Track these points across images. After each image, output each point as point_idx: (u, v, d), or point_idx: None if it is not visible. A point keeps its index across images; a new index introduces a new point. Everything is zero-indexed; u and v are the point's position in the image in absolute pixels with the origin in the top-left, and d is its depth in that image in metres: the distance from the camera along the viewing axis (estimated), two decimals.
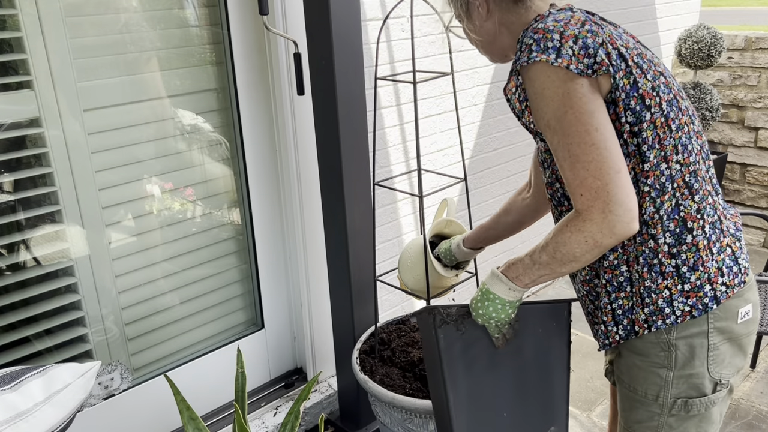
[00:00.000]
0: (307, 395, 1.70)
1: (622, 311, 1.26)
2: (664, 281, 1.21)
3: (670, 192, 1.18)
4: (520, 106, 1.22)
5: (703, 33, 3.59)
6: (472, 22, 1.33)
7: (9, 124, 1.67)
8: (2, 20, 1.62)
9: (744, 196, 3.98)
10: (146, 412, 2.07)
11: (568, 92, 1.10)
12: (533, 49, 1.12)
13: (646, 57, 1.20)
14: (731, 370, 1.27)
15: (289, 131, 2.12)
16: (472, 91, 2.73)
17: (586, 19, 1.18)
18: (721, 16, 12.52)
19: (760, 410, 2.44)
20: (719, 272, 1.21)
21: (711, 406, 1.27)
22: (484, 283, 1.30)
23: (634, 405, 1.31)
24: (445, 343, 1.32)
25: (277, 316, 2.37)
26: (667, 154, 1.17)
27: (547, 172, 1.31)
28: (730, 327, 1.23)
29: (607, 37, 1.15)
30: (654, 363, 1.26)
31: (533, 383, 1.38)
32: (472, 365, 1.34)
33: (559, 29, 1.13)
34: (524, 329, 1.34)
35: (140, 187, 1.95)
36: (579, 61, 1.10)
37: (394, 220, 2.54)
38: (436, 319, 1.32)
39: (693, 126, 1.22)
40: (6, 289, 1.76)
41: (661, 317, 1.21)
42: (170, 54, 1.92)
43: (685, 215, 1.19)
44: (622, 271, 1.25)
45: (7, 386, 1.20)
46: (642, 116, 1.15)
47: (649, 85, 1.16)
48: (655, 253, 1.20)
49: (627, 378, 1.32)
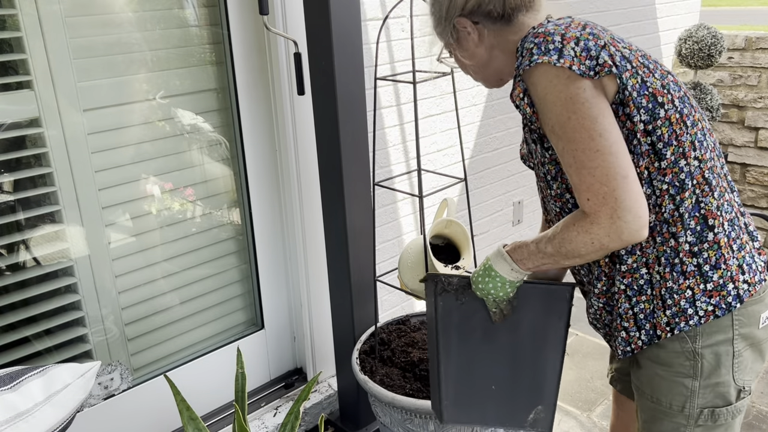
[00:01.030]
0: (307, 395, 1.70)
1: (644, 315, 1.23)
2: (686, 281, 1.18)
3: (690, 189, 1.16)
4: (531, 110, 1.19)
5: (704, 33, 3.59)
6: (464, 48, 1.31)
7: (9, 124, 1.67)
8: (2, 20, 1.62)
9: (744, 196, 3.98)
10: (146, 413, 2.07)
11: (571, 97, 1.08)
12: (534, 52, 1.11)
13: (650, 58, 1.19)
14: (752, 375, 1.25)
15: (289, 131, 2.12)
16: (472, 91, 2.73)
17: (587, 23, 1.17)
18: (721, 16, 12.51)
19: (760, 410, 2.44)
20: (740, 270, 1.19)
21: (737, 415, 1.25)
22: (488, 259, 1.29)
23: (657, 416, 1.28)
24: (443, 311, 1.35)
25: (277, 316, 2.37)
26: (685, 150, 1.15)
27: (554, 184, 1.27)
28: (753, 333, 1.22)
29: (608, 39, 1.13)
30: (678, 373, 1.24)
31: (526, 361, 1.38)
32: (467, 335, 1.37)
33: (560, 31, 1.12)
34: (523, 306, 1.34)
35: (140, 187, 1.95)
36: (581, 62, 1.09)
37: (394, 221, 2.54)
38: (438, 287, 1.34)
39: (705, 123, 1.21)
40: (6, 289, 1.76)
41: (684, 318, 1.19)
42: (170, 54, 1.92)
43: (705, 212, 1.17)
44: (642, 274, 1.22)
45: (7, 386, 1.20)
46: (656, 113, 1.13)
47: (658, 83, 1.14)
48: (676, 252, 1.18)
49: (649, 389, 1.29)
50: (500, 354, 1.38)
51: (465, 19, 1.26)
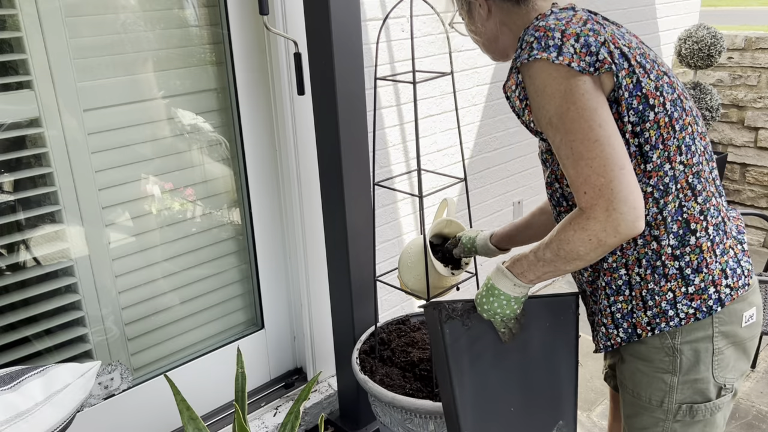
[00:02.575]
0: (307, 395, 1.70)
1: (621, 315, 1.25)
2: (668, 283, 1.20)
3: (673, 193, 1.17)
4: (521, 104, 1.21)
5: (703, 33, 3.59)
6: (474, 22, 1.34)
7: (9, 124, 1.67)
8: (2, 20, 1.62)
9: (744, 196, 3.98)
10: (146, 412, 2.07)
11: (570, 89, 1.09)
12: (534, 47, 1.12)
13: (649, 57, 1.19)
14: (736, 374, 1.26)
15: (289, 131, 2.12)
16: (472, 91, 2.73)
17: (588, 17, 1.18)
18: (721, 16, 12.51)
19: (760, 410, 2.44)
20: (723, 274, 1.20)
21: (716, 411, 1.25)
22: (489, 278, 1.28)
23: (638, 411, 1.30)
24: (451, 338, 1.32)
25: (277, 316, 2.37)
26: (671, 155, 1.16)
27: (547, 171, 1.30)
28: (735, 331, 1.22)
29: (609, 35, 1.14)
30: (658, 368, 1.25)
31: (541, 378, 1.37)
32: (478, 360, 1.34)
33: (561, 27, 1.12)
34: (530, 323, 1.33)
35: (140, 187, 1.95)
36: (581, 59, 1.10)
37: (394, 220, 2.54)
38: (442, 314, 1.31)
39: (697, 127, 1.21)
40: (6, 289, 1.76)
41: (665, 319, 1.20)
42: (170, 54, 1.92)
43: (688, 217, 1.18)
44: (621, 275, 1.24)
45: (7, 386, 1.20)
46: (645, 116, 1.14)
47: (652, 85, 1.15)
48: (658, 255, 1.19)
49: (630, 384, 1.31)
50: (514, 374, 1.36)
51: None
